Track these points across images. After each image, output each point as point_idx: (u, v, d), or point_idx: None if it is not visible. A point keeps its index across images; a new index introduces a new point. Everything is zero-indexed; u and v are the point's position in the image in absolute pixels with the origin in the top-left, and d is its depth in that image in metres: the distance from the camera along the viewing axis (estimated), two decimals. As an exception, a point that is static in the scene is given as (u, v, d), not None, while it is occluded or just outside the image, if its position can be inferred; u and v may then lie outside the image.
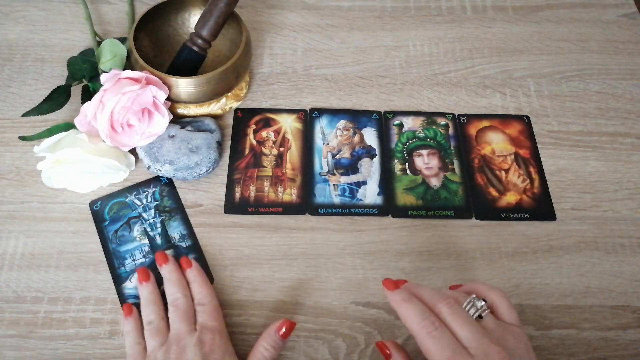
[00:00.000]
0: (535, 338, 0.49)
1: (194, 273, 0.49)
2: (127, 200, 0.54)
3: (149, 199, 0.54)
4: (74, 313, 0.49)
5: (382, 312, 0.50)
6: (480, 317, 0.39)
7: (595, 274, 0.52)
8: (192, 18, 0.61)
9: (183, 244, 0.52)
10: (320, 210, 0.55)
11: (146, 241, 0.52)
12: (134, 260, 0.51)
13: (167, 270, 0.49)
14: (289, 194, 0.56)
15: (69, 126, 0.55)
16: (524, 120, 0.61)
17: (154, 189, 0.55)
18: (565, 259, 0.53)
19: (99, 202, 0.54)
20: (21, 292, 0.50)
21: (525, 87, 0.64)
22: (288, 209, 0.55)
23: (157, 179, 0.55)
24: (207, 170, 0.54)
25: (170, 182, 0.55)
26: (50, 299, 0.49)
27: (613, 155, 0.59)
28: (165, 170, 0.53)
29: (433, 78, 0.65)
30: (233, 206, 0.55)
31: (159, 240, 0.52)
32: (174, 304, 0.46)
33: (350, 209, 0.55)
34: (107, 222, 0.53)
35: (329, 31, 0.68)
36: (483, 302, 0.40)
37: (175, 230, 0.53)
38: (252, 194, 0.55)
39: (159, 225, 0.53)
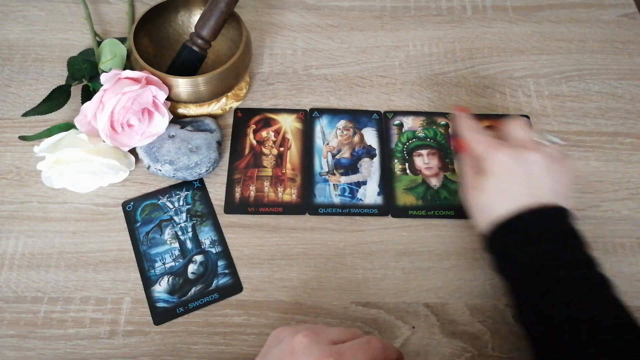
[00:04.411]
0: (535, 338, 0.49)
1: None
2: (159, 202, 0.54)
3: (180, 202, 0.54)
4: (74, 313, 0.49)
5: (382, 312, 0.50)
6: None
7: (595, 274, 0.52)
8: (192, 18, 0.61)
9: (213, 250, 0.52)
10: (320, 210, 0.55)
11: (177, 245, 0.52)
12: (164, 263, 0.51)
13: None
14: (289, 194, 0.56)
15: (69, 126, 0.55)
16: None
17: (186, 192, 0.55)
18: (565, 259, 0.53)
19: (132, 203, 0.54)
20: (21, 292, 0.50)
21: (525, 87, 0.64)
22: (288, 209, 0.55)
23: (189, 183, 0.55)
24: (207, 170, 0.54)
25: (202, 187, 0.55)
26: (50, 299, 0.49)
27: (613, 155, 0.59)
28: (165, 170, 0.53)
29: (433, 78, 0.65)
30: (233, 206, 0.55)
31: (189, 244, 0.52)
32: None
33: (350, 209, 0.55)
34: (139, 224, 0.53)
35: (329, 31, 0.68)
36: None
37: (206, 236, 0.53)
38: (252, 194, 0.55)
39: (190, 229, 0.53)
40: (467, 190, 0.49)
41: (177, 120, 0.57)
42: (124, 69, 0.54)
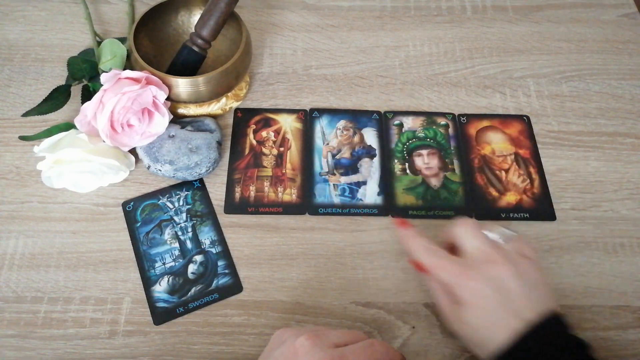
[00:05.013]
0: (535, 338, 0.49)
1: None
2: (159, 202, 0.54)
3: (180, 203, 0.54)
4: (74, 313, 0.49)
5: (382, 312, 0.50)
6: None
7: (595, 274, 0.52)
8: (192, 18, 0.61)
9: (213, 250, 0.52)
10: (320, 210, 0.55)
11: (177, 245, 0.52)
12: (164, 263, 0.51)
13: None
14: (289, 194, 0.56)
15: (69, 126, 0.55)
16: (524, 120, 0.61)
17: (186, 192, 0.55)
18: (565, 259, 0.53)
19: (132, 203, 0.54)
20: (21, 292, 0.50)
21: (525, 87, 0.64)
22: (288, 209, 0.55)
23: (189, 183, 0.55)
24: (207, 170, 0.54)
25: (202, 187, 0.55)
26: (50, 299, 0.49)
27: (613, 155, 0.59)
28: (165, 170, 0.53)
29: (433, 78, 0.65)
30: (233, 206, 0.55)
31: (189, 244, 0.52)
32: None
33: (350, 209, 0.55)
34: (139, 224, 0.53)
35: (329, 31, 0.68)
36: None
37: (206, 236, 0.53)
38: (252, 194, 0.55)
39: (190, 229, 0.53)
40: (449, 321, 0.45)
41: (177, 120, 0.57)
42: (124, 69, 0.54)
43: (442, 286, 0.45)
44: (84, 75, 0.58)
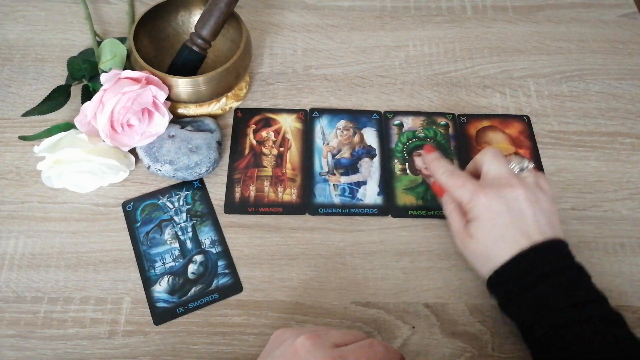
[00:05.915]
0: (535, 338, 0.49)
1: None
2: (159, 202, 0.54)
3: (180, 202, 0.54)
4: (74, 313, 0.49)
5: (382, 312, 0.50)
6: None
7: (595, 274, 0.52)
8: (192, 18, 0.61)
9: (213, 250, 0.52)
10: (320, 210, 0.55)
11: (177, 245, 0.52)
12: (164, 263, 0.51)
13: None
14: (289, 194, 0.56)
15: (69, 126, 0.55)
16: (524, 120, 0.61)
17: (186, 192, 0.55)
18: (565, 259, 0.53)
19: (132, 203, 0.54)
20: (21, 292, 0.50)
21: (525, 87, 0.64)
22: (288, 209, 0.55)
23: (189, 183, 0.55)
24: (207, 170, 0.54)
25: (202, 187, 0.55)
26: (50, 299, 0.49)
27: (613, 155, 0.59)
28: (165, 170, 0.53)
29: (433, 78, 0.65)
30: (233, 206, 0.55)
31: (189, 244, 0.52)
32: None
33: (350, 209, 0.55)
34: (139, 224, 0.53)
35: (329, 31, 0.68)
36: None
37: (206, 236, 0.53)
38: (252, 194, 0.55)
39: (190, 229, 0.53)
40: (458, 239, 0.48)
41: (177, 120, 0.57)
42: (124, 69, 0.54)
43: (457, 206, 0.48)
44: (84, 75, 0.58)
